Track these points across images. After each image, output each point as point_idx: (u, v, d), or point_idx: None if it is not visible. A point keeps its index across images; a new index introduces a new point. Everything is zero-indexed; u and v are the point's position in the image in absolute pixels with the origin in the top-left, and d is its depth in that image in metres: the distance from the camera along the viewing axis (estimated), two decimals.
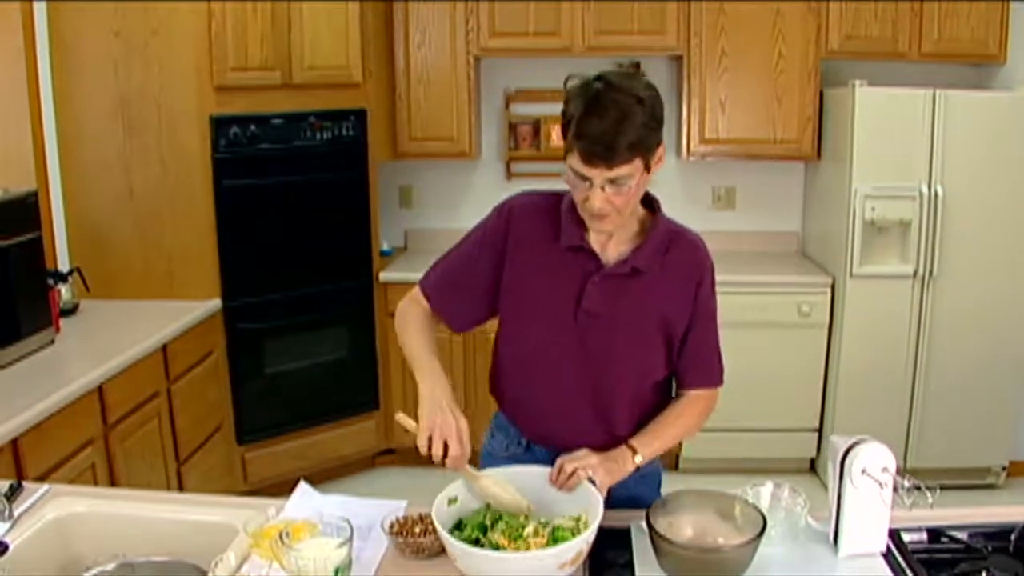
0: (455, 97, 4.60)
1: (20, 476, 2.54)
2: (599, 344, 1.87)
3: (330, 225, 4.20)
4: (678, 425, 1.95)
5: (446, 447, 1.70)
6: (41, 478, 2.61)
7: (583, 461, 1.77)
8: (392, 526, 1.77)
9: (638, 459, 1.85)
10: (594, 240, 1.86)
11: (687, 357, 1.94)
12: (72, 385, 2.83)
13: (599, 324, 1.86)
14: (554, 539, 1.61)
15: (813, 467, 4.59)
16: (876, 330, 4.23)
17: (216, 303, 3.89)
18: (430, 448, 1.71)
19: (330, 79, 4.10)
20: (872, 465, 1.62)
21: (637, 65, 2.05)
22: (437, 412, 1.73)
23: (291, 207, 4.06)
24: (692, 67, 4.49)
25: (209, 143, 3.78)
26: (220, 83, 3.74)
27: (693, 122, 4.54)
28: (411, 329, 1.96)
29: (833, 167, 4.40)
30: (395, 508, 1.86)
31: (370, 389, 4.50)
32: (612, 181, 1.68)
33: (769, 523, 1.59)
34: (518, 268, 1.91)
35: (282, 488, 3.89)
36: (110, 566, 1.81)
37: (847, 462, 1.63)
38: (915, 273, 4.14)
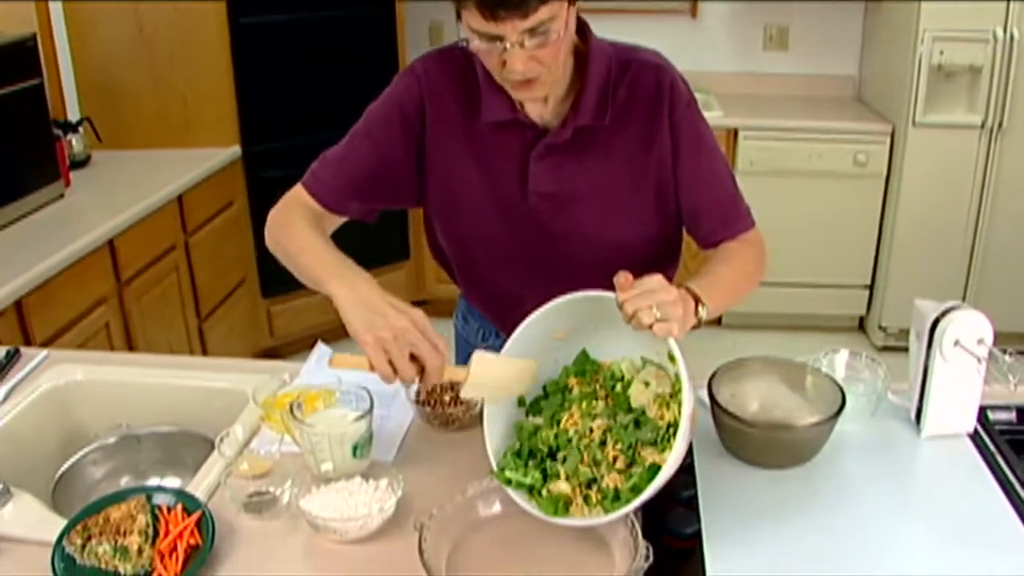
0: None
1: (27, 340, 2.41)
2: (564, 227, 1.54)
3: (354, 65, 3.90)
4: (735, 269, 1.49)
5: (414, 361, 1.22)
6: (50, 341, 2.49)
7: (657, 299, 1.19)
8: (419, 394, 1.58)
9: (702, 312, 1.33)
10: (529, 107, 1.48)
11: (693, 205, 1.54)
12: (80, 241, 2.67)
13: (558, 205, 1.52)
14: (630, 450, 1.22)
15: (862, 325, 4.40)
16: (937, 184, 3.94)
17: (235, 150, 3.68)
18: (396, 372, 1.21)
19: None
20: (966, 336, 1.39)
21: None
22: (376, 319, 1.21)
23: (313, 46, 3.79)
24: None
25: None
26: None
27: None
28: (299, 230, 1.47)
29: (898, 5, 4.01)
30: None
31: (400, 238, 4.30)
32: (531, 32, 1.28)
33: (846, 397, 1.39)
34: (441, 154, 1.54)
35: (310, 343, 3.77)
36: (111, 439, 1.67)
37: (937, 332, 1.40)
38: (983, 124, 3.81)
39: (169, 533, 1.24)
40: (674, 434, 1.17)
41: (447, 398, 1.56)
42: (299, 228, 1.47)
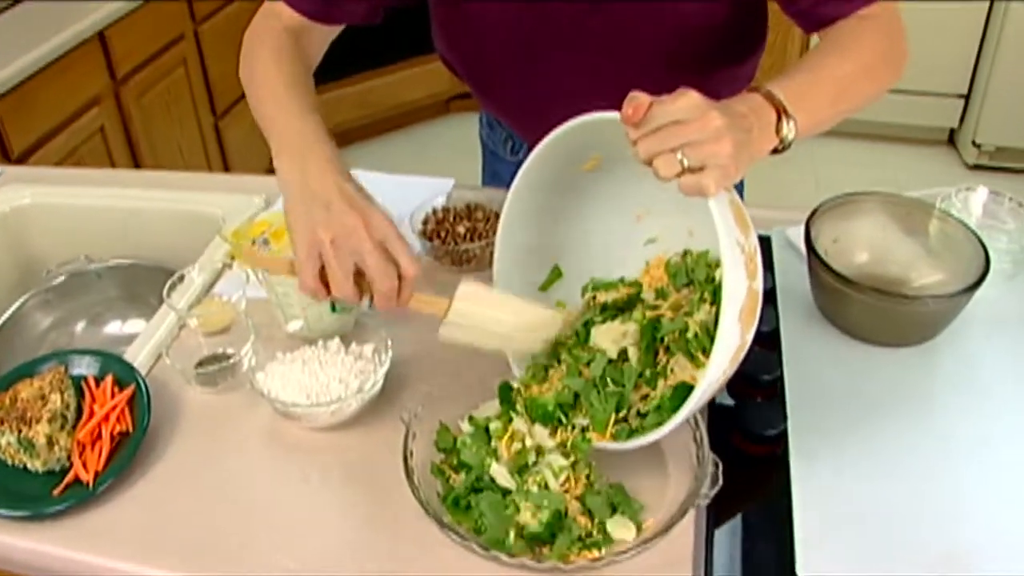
0: None
1: (5, 154, 2.11)
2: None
3: None
4: (848, 60, 0.99)
5: (359, 278, 0.87)
6: (30, 152, 2.18)
7: (684, 136, 0.75)
8: (425, 224, 1.25)
9: (787, 130, 0.86)
10: None
11: None
12: (62, 35, 2.31)
13: None
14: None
15: (952, 139, 3.95)
16: None
17: None
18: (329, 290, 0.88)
19: None
20: None
21: None
22: (316, 212, 0.87)
23: None
24: None
25: None
26: None
27: None
28: (263, 65, 1.08)
29: None
30: (437, 190, 1.31)
31: None
32: None
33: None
34: None
35: (346, 140, 3.41)
36: (62, 277, 1.39)
37: None
38: None
39: (94, 416, 0.97)
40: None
41: (461, 230, 1.23)
42: (263, 62, 1.08)
